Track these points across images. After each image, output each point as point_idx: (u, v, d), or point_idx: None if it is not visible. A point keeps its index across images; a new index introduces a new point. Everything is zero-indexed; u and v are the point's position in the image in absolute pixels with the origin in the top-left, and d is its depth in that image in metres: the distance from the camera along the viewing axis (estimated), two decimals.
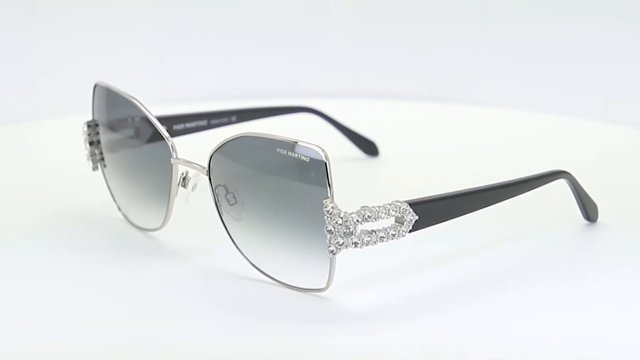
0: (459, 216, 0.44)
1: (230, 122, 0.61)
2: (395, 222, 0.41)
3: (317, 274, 0.42)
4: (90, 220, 0.52)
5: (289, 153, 0.40)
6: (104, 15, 0.85)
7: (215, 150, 0.43)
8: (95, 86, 0.51)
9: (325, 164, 0.39)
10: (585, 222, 0.52)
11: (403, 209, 0.41)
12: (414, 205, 0.41)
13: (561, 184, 0.51)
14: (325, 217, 0.40)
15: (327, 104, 0.71)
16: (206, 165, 0.44)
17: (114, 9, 0.86)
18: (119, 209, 0.52)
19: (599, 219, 0.52)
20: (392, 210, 0.41)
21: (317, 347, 0.39)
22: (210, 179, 0.44)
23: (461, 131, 0.79)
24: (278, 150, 0.41)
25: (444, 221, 0.43)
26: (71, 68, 0.84)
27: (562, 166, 0.51)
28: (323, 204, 0.40)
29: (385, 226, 0.41)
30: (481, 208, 0.45)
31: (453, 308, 0.42)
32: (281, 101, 0.72)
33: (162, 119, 0.50)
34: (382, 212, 0.40)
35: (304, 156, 0.40)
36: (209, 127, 0.60)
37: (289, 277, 0.43)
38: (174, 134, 0.56)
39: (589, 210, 0.52)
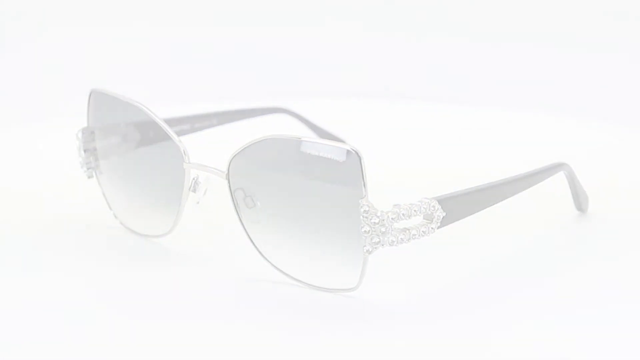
0: (478, 211, 0.44)
1: (211, 125, 0.61)
2: (424, 219, 0.41)
3: (347, 274, 0.41)
4: (87, 226, 0.51)
5: (320, 154, 0.40)
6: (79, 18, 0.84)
7: (237, 154, 0.43)
8: (91, 93, 0.50)
9: (361, 163, 0.39)
10: (577, 212, 0.54)
11: (432, 205, 0.41)
12: (442, 201, 0.41)
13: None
14: (362, 216, 0.40)
15: (300, 103, 0.71)
16: (225, 169, 0.43)
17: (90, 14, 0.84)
18: (116, 216, 0.51)
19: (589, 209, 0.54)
20: (423, 207, 0.41)
21: (349, 345, 0.39)
22: (229, 183, 0.44)
23: (432, 129, 0.79)
24: (308, 151, 0.41)
25: (467, 216, 0.43)
26: (50, 74, 0.82)
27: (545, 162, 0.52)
28: (359, 204, 0.40)
29: (417, 223, 0.41)
30: (497, 202, 0.45)
31: (476, 303, 0.42)
32: (254, 101, 0.72)
33: None
34: (414, 210, 0.41)
35: (337, 156, 0.40)
36: (192, 130, 0.59)
37: (317, 278, 0.43)
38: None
39: (581, 201, 0.53)
